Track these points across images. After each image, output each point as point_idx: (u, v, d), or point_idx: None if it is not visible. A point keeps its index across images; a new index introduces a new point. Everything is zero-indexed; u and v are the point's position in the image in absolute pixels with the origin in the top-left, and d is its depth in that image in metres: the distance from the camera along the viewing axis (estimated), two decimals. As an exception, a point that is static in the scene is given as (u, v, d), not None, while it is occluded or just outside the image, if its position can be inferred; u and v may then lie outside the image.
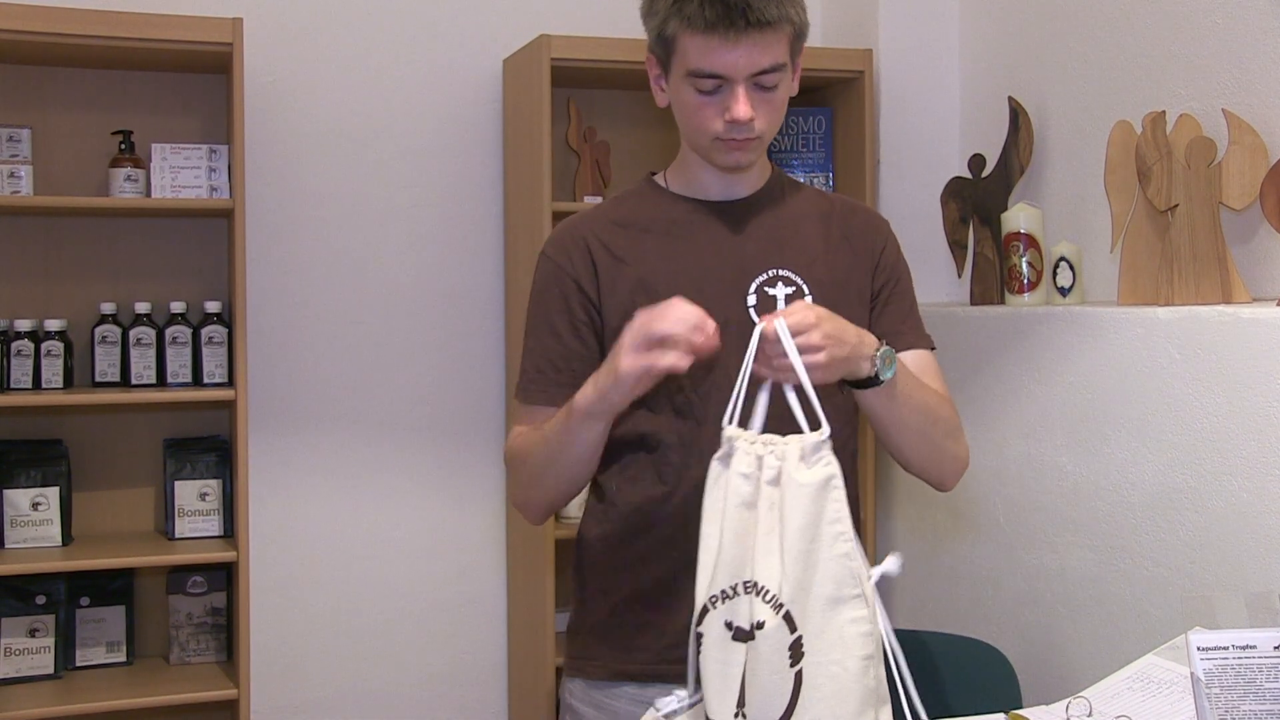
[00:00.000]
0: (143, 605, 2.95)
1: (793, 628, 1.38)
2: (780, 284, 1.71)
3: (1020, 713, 1.71)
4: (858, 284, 1.76)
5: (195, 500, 2.88)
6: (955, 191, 2.94)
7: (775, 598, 1.38)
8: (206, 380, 2.83)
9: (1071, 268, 2.59)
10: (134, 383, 2.82)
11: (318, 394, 3.11)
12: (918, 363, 1.76)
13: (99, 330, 2.83)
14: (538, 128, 2.88)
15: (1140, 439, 2.27)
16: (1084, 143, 2.70)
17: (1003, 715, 1.74)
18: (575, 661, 1.79)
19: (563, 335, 1.71)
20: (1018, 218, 2.70)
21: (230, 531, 2.87)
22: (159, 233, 2.97)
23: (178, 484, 2.88)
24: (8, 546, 2.76)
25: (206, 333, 2.84)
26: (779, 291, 1.71)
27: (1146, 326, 2.25)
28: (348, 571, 3.14)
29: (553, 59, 2.84)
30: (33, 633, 2.79)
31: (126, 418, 2.96)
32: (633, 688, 1.71)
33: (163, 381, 2.84)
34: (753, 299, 1.70)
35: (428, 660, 3.20)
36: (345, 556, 3.13)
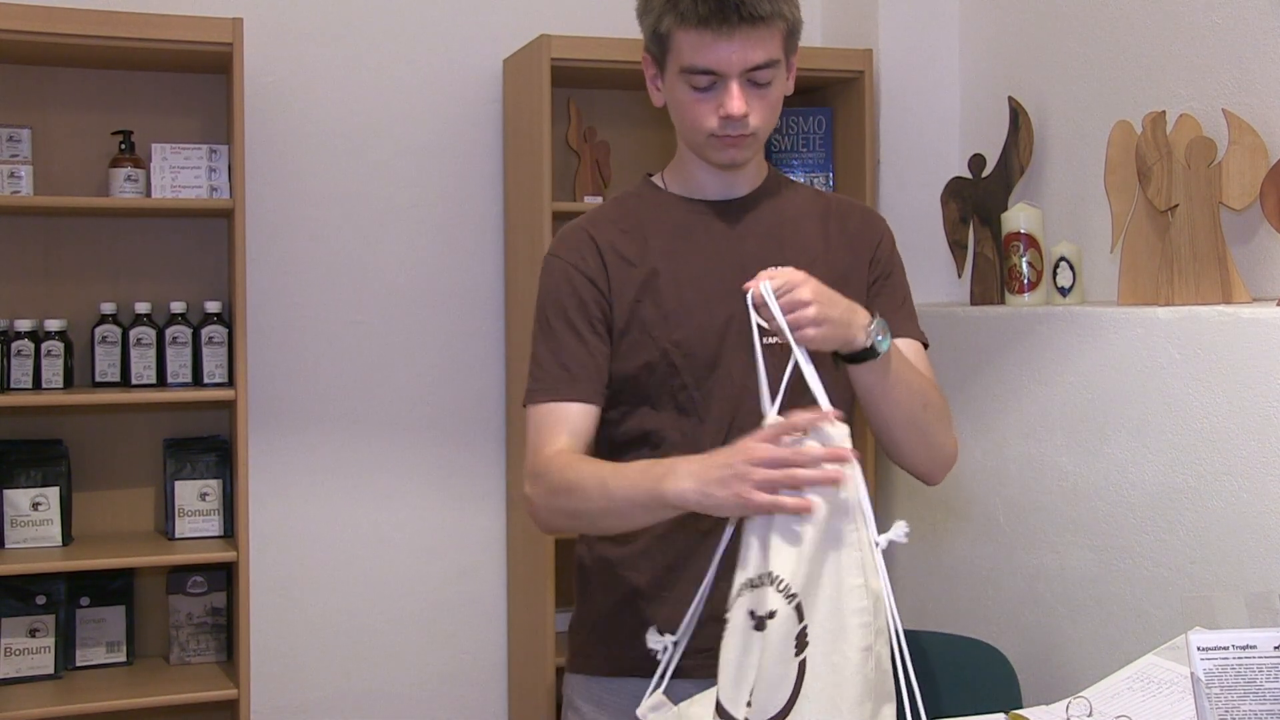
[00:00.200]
0: (143, 605, 2.95)
1: (801, 617, 1.40)
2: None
3: (1020, 713, 1.71)
4: (857, 281, 1.77)
5: (195, 500, 2.88)
6: (955, 191, 2.94)
7: (788, 587, 1.41)
8: (206, 380, 2.83)
9: (1071, 268, 2.59)
10: (134, 383, 2.82)
11: (318, 394, 3.11)
12: (909, 351, 1.77)
13: (99, 330, 2.83)
14: (538, 128, 2.88)
15: (1140, 439, 2.27)
16: (1084, 143, 2.70)
17: (1003, 715, 1.74)
18: (577, 658, 1.80)
19: (583, 333, 1.71)
20: (1018, 218, 2.70)
21: (230, 531, 2.87)
22: (159, 233, 2.97)
23: (178, 484, 2.88)
24: (8, 546, 2.76)
25: (206, 333, 2.84)
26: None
27: (1146, 326, 2.25)
28: (348, 571, 3.14)
29: (553, 59, 2.84)
30: (33, 633, 2.79)
31: (126, 418, 2.96)
32: (634, 683, 1.71)
33: (163, 381, 2.84)
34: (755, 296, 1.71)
35: (428, 660, 3.20)
36: (345, 556, 3.13)
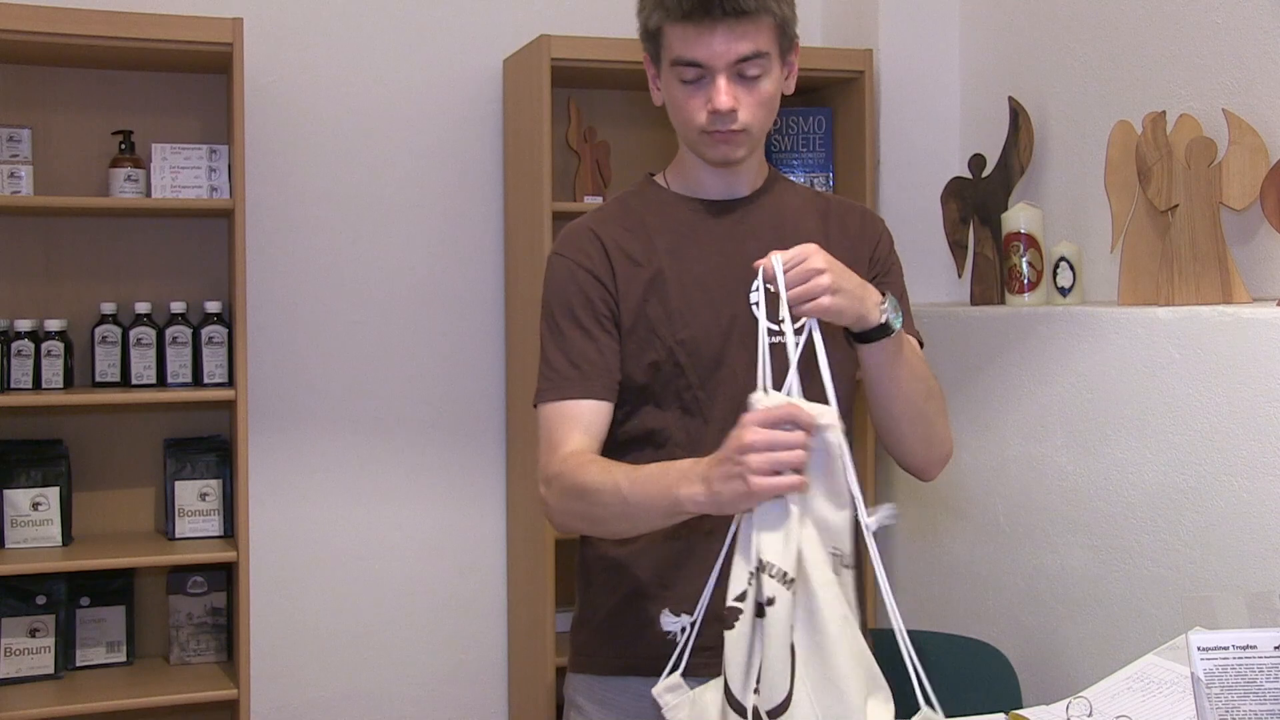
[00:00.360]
0: (143, 605, 2.95)
1: (795, 598, 1.42)
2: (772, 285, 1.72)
3: (1020, 713, 1.71)
4: (858, 274, 1.77)
5: (195, 500, 2.88)
6: (955, 191, 2.94)
7: (782, 572, 1.42)
8: (206, 380, 2.83)
9: (1071, 268, 2.59)
10: (134, 383, 2.82)
11: (318, 394, 3.11)
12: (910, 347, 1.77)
13: (99, 330, 2.83)
14: (538, 128, 2.88)
15: (1140, 439, 2.27)
16: (1084, 143, 2.70)
17: (1003, 715, 1.74)
18: (579, 657, 1.80)
19: (591, 330, 1.71)
20: (1018, 218, 2.70)
21: (230, 531, 2.87)
22: (159, 233, 2.97)
23: (178, 484, 2.88)
24: (8, 546, 2.76)
25: (206, 333, 2.84)
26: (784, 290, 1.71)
27: (1146, 326, 2.25)
28: (348, 572, 3.14)
29: (553, 59, 2.84)
30: (33, 633, 2.79)
31: (126, 418, 2.96)
32: (637, 682, 1.72)
33: (163, 381, 2.84)
34: (757, 296, 1.70)
35: (428, 660, 3.20)
36: (345, 556, 3.13)
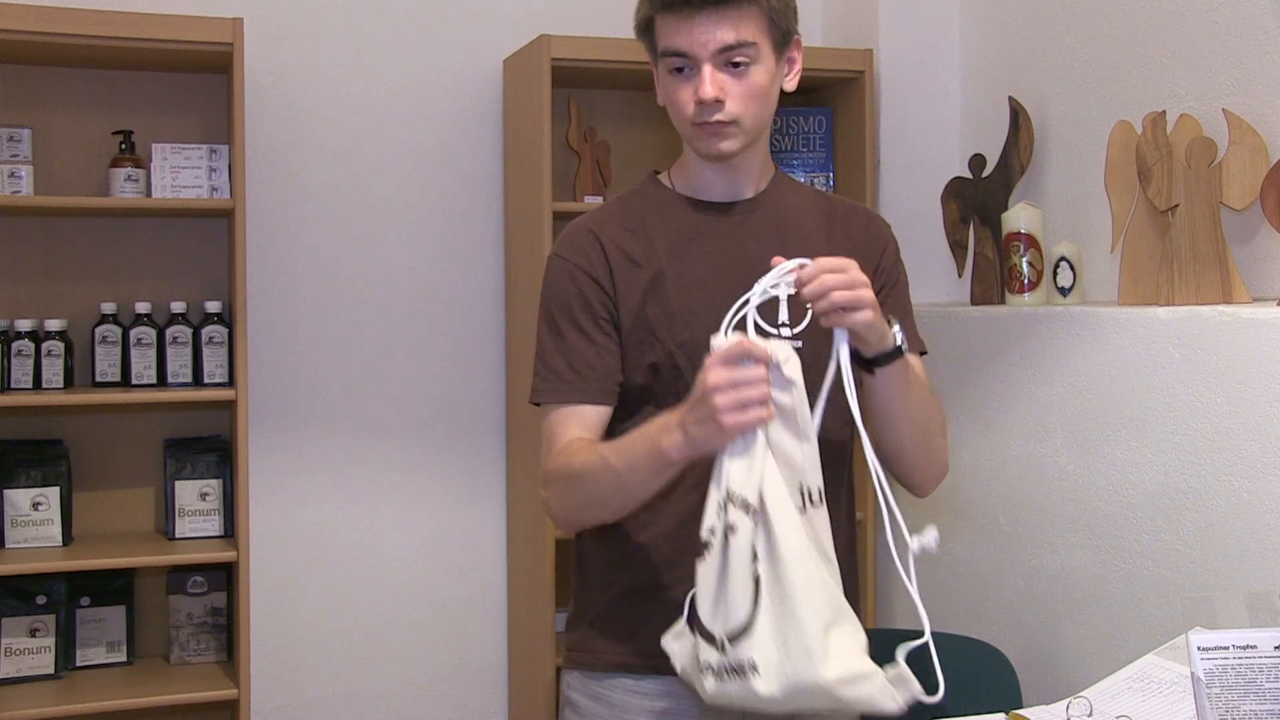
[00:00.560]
0: (143, 605, 2.95)
1: (758, 528, 1.45)
2: (783, 285, 1.71)
3: (1020, 713, 1.71)
4: None
5: (195, 500, 2.88)
6: (955, 191, 2.94)
7: (746, 501, 1.45)
8: (207, 380, 2.83)
9: (1072, 268, 2.59)
10: (134, 383, 2.82)
11: (318, 394, 3.11)
12: (914, 364, 1.76)
13: (99, 330, 2.83)
14: (538, 128, 2.88)
15: (1140, 439, 2.27)
16: (1084, 143, 2.70)
17: (1003, 715, 1.74)
18: (574, 653, 1.80)
19: (592, 334, 1.71)
20: (1018, 218, 2.70)
21: (230, 531, 2.87)
22: (159, 233, 2.97)
23: (178, 484, 2.88)
24: (8, 546, 2.76)
25: (207, 333, 2.84)
26: (782, 292, 1.71)
27: (1146, 326, 2.25)
28: (348, 571, 3.14)
29: (553, 59, 2.84)
30: (33, 633, 2.79)
31: (127, 418, 2.96)
32: (630, 679, 1.72)
33: (163, 381, 2.84)
34: (757, 299, 1.70)
35: (428, 660, 3.20)
36: (345, 556, 3.13)
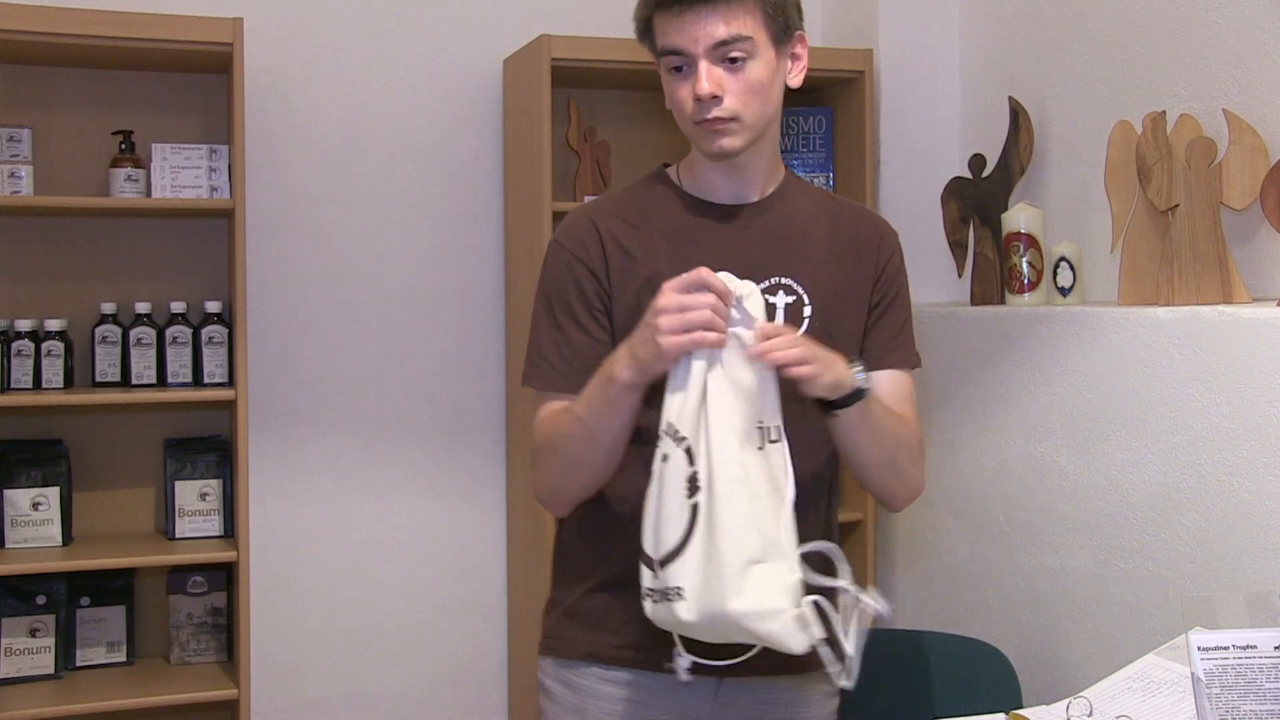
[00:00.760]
0: (143, 605, 2.95)
1: (691, 461, 1.47)
2: (781, 292, 1.71)
3: (1020, 713, 1.71)
4: (860, 294, 1.76)
5: (195, 500, 2.88)
6: (955, 191, 2.94)
7: (676, 431, 1.49)
8: (207, 380, 2.83)
9: (1072, 268, 2.59)
10: (134, 383, 2.82)
11: (318, 394, 3.11)
12: (895, 385, 1.76)
13: (99, 330, 2.83)
14: (538, 128, 2.88)
15: (1140, 439, 2.27)
16: (1084, 143, 2.70)
17: (1003, 715, 1.74)
18: (547, 640, 1.82)
19: (585, 324, 1.71)
20: (1018, 218, 2.70)
21: (230, 531, 2.87)
22: (159, 233, 2.97)
23: (178, 484, 2.88)
24: (8, 546, 2.76)
25: (207, 333, 2.84)
26: (779, 300, 1.70)
27: (1146, 326, 2.25)
28: (348, 571, 3.14)
29: (553, 59, 2.84)
30: (33, 633, 2.79)
31: (126, 418, 2.96)
32: (599, 668, 1.74)
33: (163, 381, 2.84)
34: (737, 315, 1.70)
35: (428, 660, 3.20)
36: (345, 556, 3.13)
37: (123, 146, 2.83)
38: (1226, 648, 1.46)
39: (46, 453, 2.84)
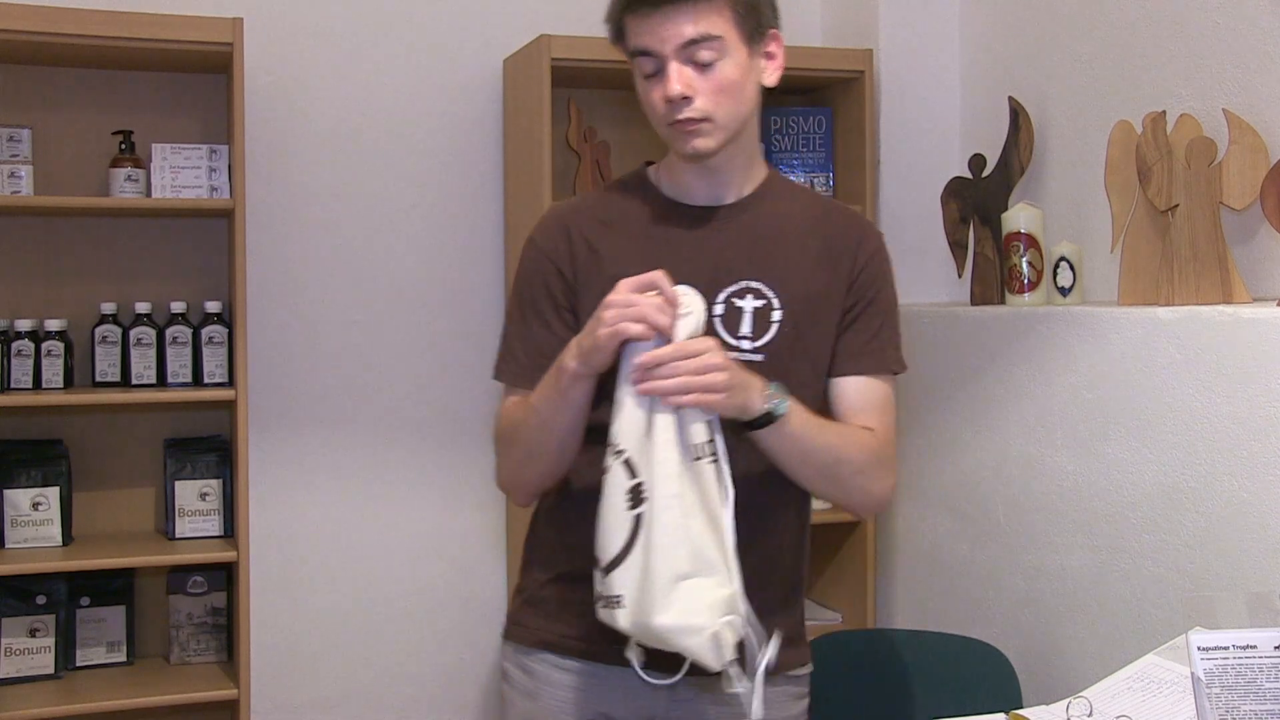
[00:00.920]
0: (143, 605, 2.95)
1: (633, 474, 1.50)
2: (750, 296, 1.69)
3: (1020, 713, 1.71)
4: (834, 299, 1.73)
5: (195, 500, 2.88)
6: (955, 191, 2.94)
7: (617, 443, 1.51)
8: (207, 380, 2.83)
9: (1072, 268, 2.59)
10: (134, 383, 2.82)
11: (318, 394, 3.11)
12: (862, 392, 1.73)
13: (99, 330, 2.83)
14: (538, 128, 2.88)
15: (1140, 439, 2.27)
16: (1084, 143, 2.70)
17: (1003, 715, 1.74)
18: (509, 626, 1.84)
19: (551, 323, 1.73)
20: (1018, 218, 2.70)
21: (230, 531, 2.87)
22: (159, 233, 2.97)
23: (178, 484, 2.88)
24: (8, 546, 2.76)
25: (207, 333, 2.84)
26: (747, 304, 1.69)
27: (1146, 326, 2.25)
28: (348, 571, 3.14)
29: (553, 59, 2.84)
30: (33, 633, 2.79)
31: (126, 418, 2.96)
32: (554, 656, 1.76)
33: (163, 381, 2.84)
34: (721, 309, 1.69)
35: (428, 660, 3.20)
36: (345, 556, 3.13)
37: (123, 146, 2.83)
38: (1226, 648, 1.46)
39: (46, 453, 2.84)
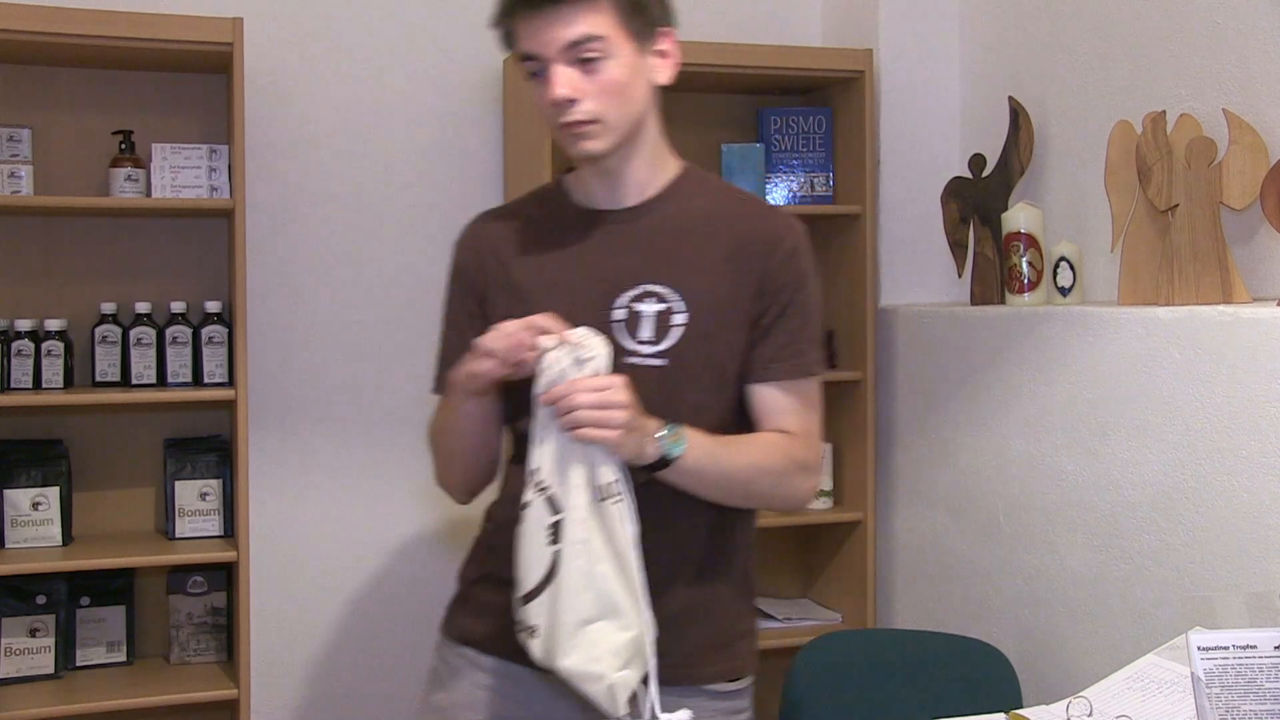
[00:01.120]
0: (143, 605, 2.95)
1: (555, 509, 1.51)
2: (650, 300, 1.66)
3: (1020, 713, 1.71)
4: (742, 302, 1.67)
5: (195, 500, 2.88)
6: (955, 191, 2.94)
7: (541, 480, 1.52)
8: (207, 380, 2.83)
9: (1071, 268, 2.59)
10: (134, 383, 2.82)
11: (318, 394, 3.10)
12: (778, 400, 1.69)
13: (99, 330, 2.83)
14: (538, 128, 2.88)
15: (1140, 439, 2.27)
16: (1084, 143, 2.70)
17: (1003, 715, 1.74)
18: (445, 617, 1.87)
19: (464, 331, 1.74)
20: (1018, 218, 2.70)
21: (230, 531, 2.87)
22: (159, 233, 2.97)
23: (178, 484, 2.88)
24: (8, 546, 2.76)
25: (206, 333, 2.84)
26: (647, 308, 1.65)
27: (1146, 326, 2.25)
28: (348, 571, 3.14)
29: (553, 59, 2.84)
30: (33, 633, 2.79)
31: (126, 418, 2.96)
32: (471, 652, 1.78)
33: (163, 381, 2.84)
34: (622, 314, 1.65)
35: (428, 660, 3.19)
36: (345, 556, 3.13)
37: (123, 146, 2.83)
38: (1226, 648, 1.46)
39: (46, 453, 2.84)
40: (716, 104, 3.28)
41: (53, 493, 2.78)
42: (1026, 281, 2.67)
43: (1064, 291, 2.60)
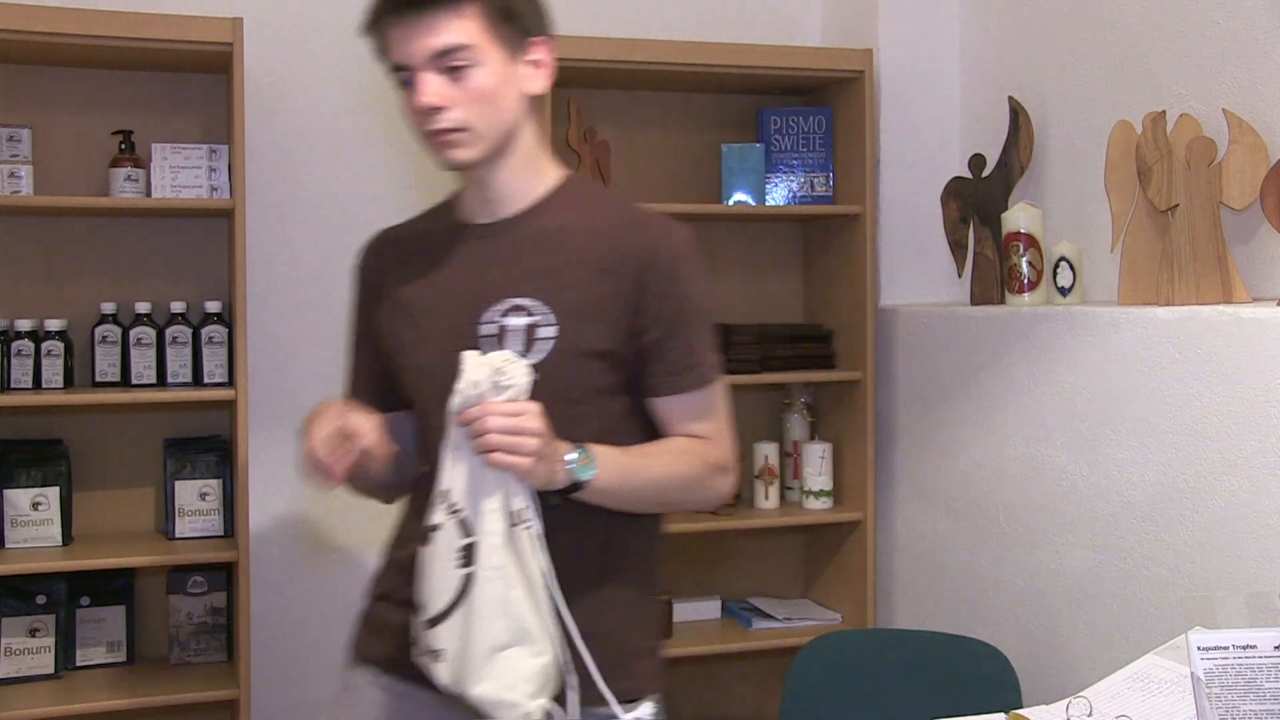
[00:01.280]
0: (143, 605, 2.95)
1: (467, 533, 1.50)
2: (517, 314, 1.63)
3: (1020, 713, 1.71)
4: (616, 316, 1.63)
5: (195, 500, 2.88)
6: (955, 191, 2.94)
7: (453, 503, 1.52)
8: (207, 380, 2.83)
9: (1071, 268, 2.59)
10: (134, 383, 2.82)
11: (318, 394, 3.07)
12: (686, 408, 1.67)
13: (99, 330, 2.83)
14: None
15: (1140, 439, 2.27)
16: (1084, 143, 2.70)
17: (1003, 715, 1.74)
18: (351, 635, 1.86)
19: (359, 347, 1.85)
20: (1018, 218, 2.70)
21: (230, 531, 2.87)
22: (159, 233, 2.97)
23: (178, 484, 2.88)
24: (8, 546, 2.76)
25: (206, 333, 2.84)
26: (514, 322, 1.63)
27: (1146, 326, 2.25)
28: (348, 572, 3.14)
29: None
30: (33, 633, 2.79)
31: (126, 418, 2.96)
32: (370, 674, 1.78)
33: (163, 381, 2.84)
34: (492, 328, 1.63)
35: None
36: (345, 557, 3.13)
37: (123, 146, 2.83)
38: (1226, 648, 1.46)
39: (46, 453, 2.84)
40: (716, 104, 3.28)
41: (53, 493, 2.78)
42: (1026, 281, 2.67)
43: (1064, 291, 2.60)
